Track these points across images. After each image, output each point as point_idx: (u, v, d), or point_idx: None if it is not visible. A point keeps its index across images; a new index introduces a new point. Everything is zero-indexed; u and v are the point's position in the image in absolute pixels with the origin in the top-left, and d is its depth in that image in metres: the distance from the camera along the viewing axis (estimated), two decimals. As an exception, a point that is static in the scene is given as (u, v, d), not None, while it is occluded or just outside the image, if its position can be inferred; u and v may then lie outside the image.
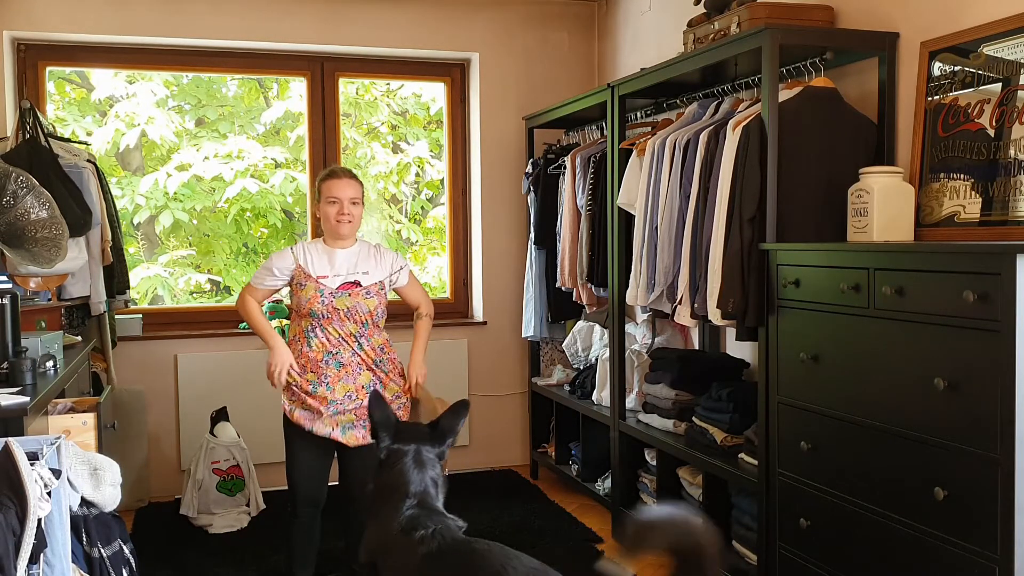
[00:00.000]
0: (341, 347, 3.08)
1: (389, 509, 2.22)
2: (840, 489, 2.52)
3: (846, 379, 2.49)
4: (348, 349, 3.08)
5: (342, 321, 3.07)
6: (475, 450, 5.16)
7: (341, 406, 3.05)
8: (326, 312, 3.06)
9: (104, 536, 2.21)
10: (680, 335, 4.16)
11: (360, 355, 3.09)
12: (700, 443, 3.31)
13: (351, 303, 3.08)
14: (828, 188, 2.90)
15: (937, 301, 2.17)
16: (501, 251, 5.17)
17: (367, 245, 3.23)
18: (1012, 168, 2.53)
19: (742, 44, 2.96)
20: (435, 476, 2.31)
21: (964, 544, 2.11)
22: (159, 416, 4.64)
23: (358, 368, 3.09)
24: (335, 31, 4.82)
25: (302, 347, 3.09)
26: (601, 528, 4.07)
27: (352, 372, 3.08)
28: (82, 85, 5.36)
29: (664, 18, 4.43)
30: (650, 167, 3.48)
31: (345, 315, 3.07)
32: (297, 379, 3.06)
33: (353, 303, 3.08)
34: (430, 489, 2.27)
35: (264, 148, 5.46)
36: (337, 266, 3.13)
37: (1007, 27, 2.56)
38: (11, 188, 3.22)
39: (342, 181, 3.14)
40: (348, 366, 3.08)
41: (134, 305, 4.66)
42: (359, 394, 3.07)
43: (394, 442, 2.34)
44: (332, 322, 3.07)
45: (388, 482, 2.28)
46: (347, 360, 3.08)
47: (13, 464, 1.79)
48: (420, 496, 2.23)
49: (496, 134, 5.12)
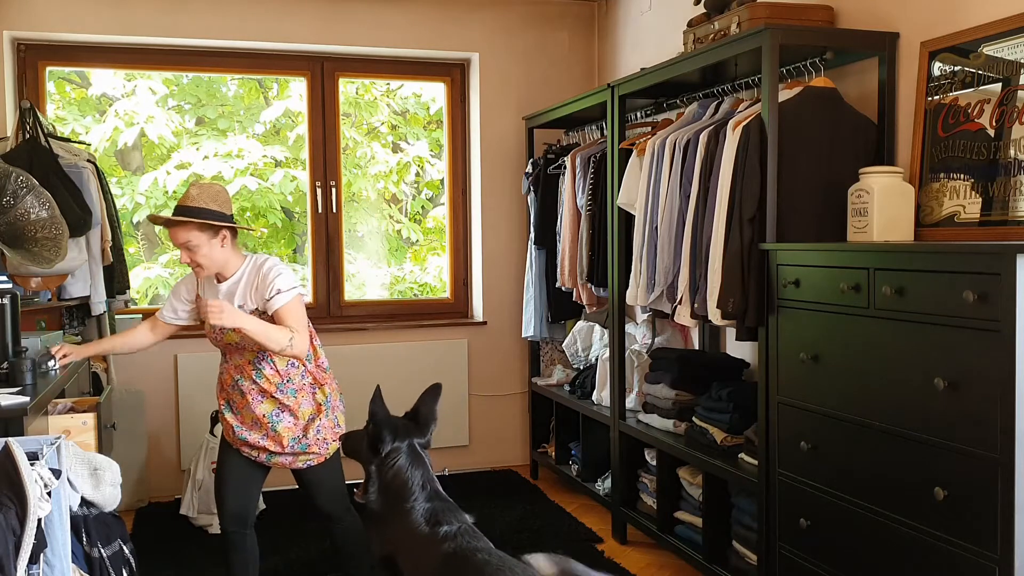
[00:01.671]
0: (242, 374, 2.89)
1: (401, 504, 2.28)
2: (840, 489, 2.52)
3: (846, 379, 2.49)
4: (246, 378, 2.88)
5: (238, 351, 2.89)
6: (475, 450, 5.17)
7: (247, 434, 2.89)
8: (221, 347, 2.92)
9: (104, 536, 2.21)
10: (680, 335, 4.16)
11: (258, 383, 2.86)
12: (700, 443, 3.31)
13: (237, 337, 2.81)
14: (828, 188, 2.90)
15: (937, 301, 2.16)
16: (501, 251, 5.17)
17: (253, 269, 2.87)
18: (1012, 168, 2.53)
19: (742, 44, 2.96)
20: (430, 465, 2.42)
21: (964, 544, 2.11)
22: (159, 416, 4.64)
23: (259, 396, 2.87)
24: (335, 31, 4.82)
25: (222, 369, 2.98)
26: (601, 528, 4.07)
27: (252, 401, 2.87)
28: (82, 85, 5.36)
29: (664, 18, 4.43)
30: (650, 167, 3.48)
31: (236, 347, 2.87)
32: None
33: (240, 337, 2.80)
34: (435, 480, 2.37)
35: (264, 147, 5.46)
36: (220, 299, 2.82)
37: (1007, 27, 2.56)
38: (11, 188, 3.22)
39: (171, 231, 2.79)
40: (247, 394, 2.88)
41: (134, 305, 4.65)
42: (262, 423, 2.86)
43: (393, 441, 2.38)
44: (231, 353, 2.91)
45: (393, 482, 2.34)
46: (246, 388, 2.88)
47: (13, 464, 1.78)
48: (430, 487, 2.32)
49: (496, 134, 5.12)
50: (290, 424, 2.88)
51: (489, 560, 2.04)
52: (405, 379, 4.51)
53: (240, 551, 2.99)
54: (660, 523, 3.61)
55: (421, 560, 2.17)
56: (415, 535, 2.21)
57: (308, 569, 3.64)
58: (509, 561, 2.04)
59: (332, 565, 3.57)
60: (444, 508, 2.27)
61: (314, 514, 3.09)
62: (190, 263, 2.83)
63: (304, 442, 2.90)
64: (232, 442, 2.96)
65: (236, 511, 2.97)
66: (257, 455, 2.93)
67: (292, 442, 2.88)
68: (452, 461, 5.09)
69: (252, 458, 2.94)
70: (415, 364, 4.92)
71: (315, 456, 2.93)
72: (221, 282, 2.89)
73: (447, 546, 2.11)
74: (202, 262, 2.80)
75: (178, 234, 2.77)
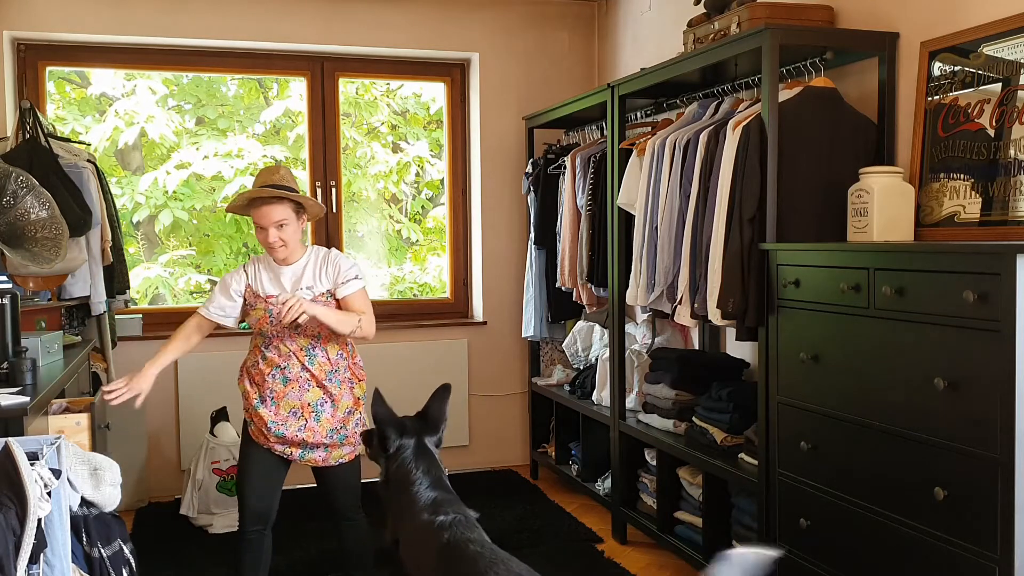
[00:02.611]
0: (289, 362, 2.91)
1: (406, 496, 2.35)
2: (840, 489, 2.52)
3: (846, 379, 2.49)
4: (297, 364, 2.91)
5: (293, 337, 2.91)
6: (475, 450, 5.17)
7: (284, 427, 2.89)
8: (276, 331, 2.92)
9: (104, 536, 2.21)
10: (680, 335, 4.16)
11: (310, 370, 2.92)
12: (700, 443, 3.31)
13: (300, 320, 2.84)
14: (828, 188, 2.90)
15: (937, 301, 2.16)
16: (501, 251, 5.17)
17: (317, 256, 2.99)
18: (1012, 168, 2.53)
19: (742, 44, 2.96)
20: (439, 461, 2.48)
21: (964, 544, 2.11)
22: (159, 416, 4.64)
23: (306, 384, 2.91)
24: (335, 31, 4.82)
25: (257, 359, 2.97)
26: (601, 528, 4.07)
27: (299, 388, 2.91)
28: (81, 85, 5.36)
29: (664, 18, 4.43)
30: (650, 167, 3.48)
31: (295, 331, 2.91)
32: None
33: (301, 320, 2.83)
34: (439, 472, 2.43)
35: (264, 147, 5.46)
36: (284, 284, 2.94)
37: (1007, 27, 2.56)
38: (11, 188, 3.22)
39: (261, 210, 2.85)
40: (295, 382, 2.91)
41: (134, 305, 4.65)
42: (304, 412, 2.90)
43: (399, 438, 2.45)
44: (283, 339, 2.92)
45: (399, 475, 2.42)
46: (294, 376, 2.91)
47: (13, 464, 1.79)
48: (433, 478, 2.38)
49: (496, 134, 5.12)
50: (330, 415, 2.92)
51: (482, 552, 2.07)
52: (405, 379, 4.51)
53: (256, 551, 2.97)
54: (660, 523, 3.61)
55: (418, 547, 2.23)
56: (415, 523, 2.27)
57: (310, 569, 3.64)
58: (501, 554, 2.07)
59: (333, 565, 3.57)
60: (445, 499, 2.31)
61: (326, 511, 3.10)
62: (273, 243, 2.87)
63: (343, 433, 2.93)
64: (262, 440, 2.94)
65: (259, 510, 2.96)
66: (291, 452, 2.93)
67: (331, 432, 2.91)
68: (452, 461, 5.09)
69: (284, 456, 2.94)
70: (415, 364, 4.92)
71: (348, 452, 2.97)
72: (284, 266, 2.94)
73: (442, 536, 2.15)
74: (288, 241, 2.88)
75: (274, 211, 2.84)
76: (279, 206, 2.86)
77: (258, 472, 2.95)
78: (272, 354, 2.93)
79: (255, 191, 2.87)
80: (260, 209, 2.85)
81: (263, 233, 2.87)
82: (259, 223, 2.87)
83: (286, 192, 2.88)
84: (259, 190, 2.87)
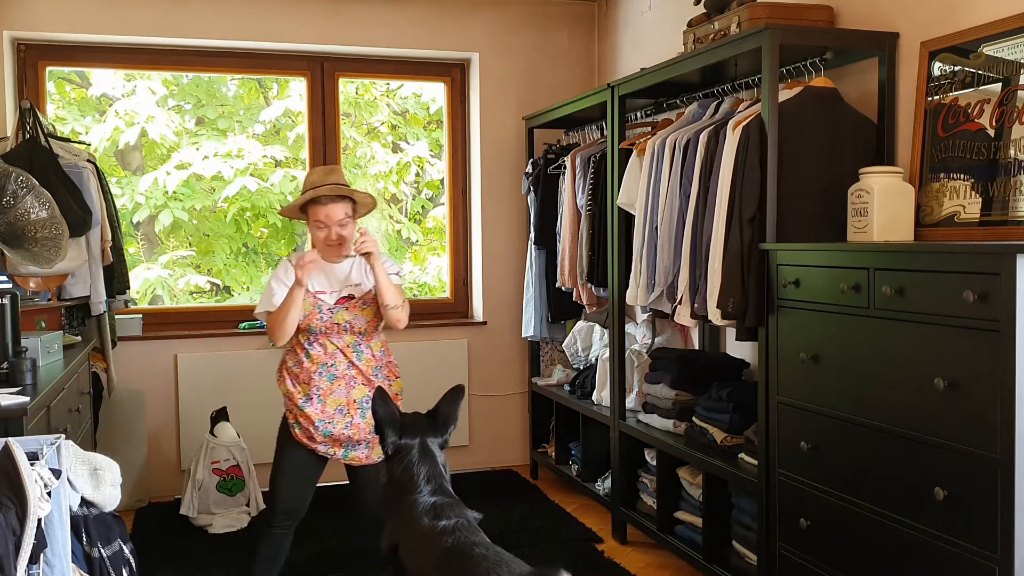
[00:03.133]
0: (336, 359, 2.97)
1: (407, 500, 2.32)
2: (840, 489, 2.52)
3: (846, 379, 2.49)
4: (344, 361, 2.98)
5: (340, 334, 2.98)
6: (475, 450, 5.17)
7: (331, 425, 2.94)
8: (324, 328, 2.97)
9: (104, 536, 2.21)
10: (680, 335, 4.16)
11: (357, 366, 2.99)
12: (700, 443, 3.31)
13: (349, 317, 2.99)
14: (828, 188, 2.90)
15: (937, 301, 2.16)
16: (501, 251, 5.17)
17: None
18: (1012, 168, 2.53)
19: (742, 44, 2.96)
20: (443, 463, 2.46)
21: (964, 544, 2.11)
22: (159, 416, 4.64)
23: (352, 381, 2.98)
24: (335, 31, 4.82)
25: (300, 358, 3.00)
26: (601, 528, 4.07)
27: (346, 385, 2.97)
28: (81, 85, 5.36)
29: (664, 18, 4.43)
30: (650, 167, 3.48)
31: (344, 328, 2.98)
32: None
33: (351, 316, 3.00)
34: (444, 475, 2.42)
35: (264, 147, 5.46)
36: (332, 281, 3.03)
37: (1007, 27, 2.56)
38: (11, 188, 3.22)
39: (326, 208, 2.93)
40: (342, 379, 2.97)
41: (134, 305, 4.65)
42: (350, 409, 2.96)
43: (400, 437, 2.42)
44: (330, 336, 2.98)
45: (400, 476, 2.39)
46: (341, 373, 2.97)
47: (13, 464, 1.78)
48: (436, 482, 2.36)
49: (496, 134, 5.12)
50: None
51: (486, 555, 2.05)
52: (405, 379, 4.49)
53: (278, 547, 3.00)
54: (660, 523, 3.61)
55: (420, 552, 2.20)
56: (416, 528, 2.24)
57: (309, 569, 3.64)
58: (505, 556, 2.05)
59: (334, 565, 3.57)
60: (446, 503, 2.29)
61: (355, 510, 3.13)
62: (333, 241, 2.96)
63: None
64: (307, 440, 2.95)
65: (292, 508, 2.99)
66: (335, 452, 2.96)
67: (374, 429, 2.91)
68: (452, 461, 5.03)
69: (328, 456, 2.97)
70: (415, 364, 4.91)
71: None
72: (332, 264, 3.03)
73: (445, 540, 2.13)
74: (347, 238, 2.98)
75: (338, 209, 2.94)
76: (341, 204, 2.96)
77: (296, 470, 2.99)
78: (318, 351, 2.97)
79: (330, 188, 2.94)
80: (326, 207, 2.93)
81: (323, 231, 2.96)
82: (322, 221, 2.95)
83: (350, 190, 2.99)
84: (334, 187, 2.95)
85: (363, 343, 3.03)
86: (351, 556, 3.72)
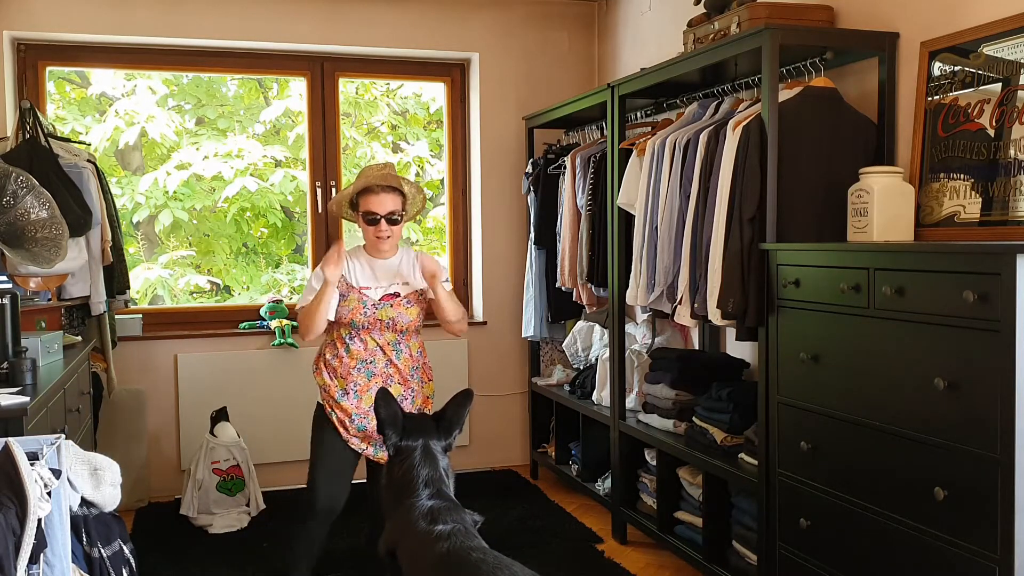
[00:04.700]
0: (376, 356, 3.02)
1: (406, 503, 2.32)
2: (840, 489, 2.52)
3: (846, 379, 2.49)
4: (383, 359, 3.02)
5: (382, 331, 3.02)
6: (475, 450, 5.16)
7: (366, 420, 2.98)
8: (367, 323, 3.00)
9: (104, 536, 2.21)
10: (680, 335, 4.16)
11: (396, 365, 3.03)
12: (700, 443, 3.31)
13: (394, 313, 3.02)
14: (828, 188, 2.90)
15: (937, 301, 2.16)
16: (501, 251, 5.17)
17: (408, 254, 3.14)
18: (1012, 168, 2.53)
19: (742, 44, 2.96)
20: (445, 467, 2.46)
21: (964, 544, 2.11)
22: (159, 416, 4.64)
23: (389, 380, 3.02)
24: (335, 31, 4.82)
25: (339, 352, 3.02)
26: (601, 528, 4.07)
27: (383, 383, 3.00)
28: (81, 85, 5.36)
29: (664, 18, 4.43)
30: (650, 167, 3.48)
31: (386, 325, 3.01)
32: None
33: (396, 313, 3.03)
34: (444, 480, 2.41)
35: (264, 147, 5.46)
36: (379, 277, 3.06)
37: (1007, 27, 2.56)
38: (11, 188, 3.22)
39: (379, 197, 2.97)
40: (379, 376, 3.01)
41: (134, 305, 4.65)
42: None
43: (402, 439, 2.41)
44: (372, 332, 3.01)
45: (400, 478, 2.39)
46: (379, 371, 3.02)
47: (13, 464, 1.78)
48: (435, 487, 2.36)
49: (496, 134, 5.12)
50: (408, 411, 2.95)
51: (484, 559, 2.05)
52: (405, 379, 4.51)
53: (318, 539, 3.03)
54: (660, 523, 3.61)
55: (417, 557, 2.20)
56: (413, 532, 2.24)
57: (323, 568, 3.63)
58: (504, 560, 2.05)
59: (334, 565, 3.57)
60: (444, 507, 2.29)
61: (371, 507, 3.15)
62: (383, 234, 2.99)
63: None
64: (343, 431, 2.99)
65: (330, 501, 3.01)
66: (366, 447, 3.00)
67: None
68: (452, 461, 5.07)
69: (359, 450, 3.01)
70: (415, 364, 4.92)
71: None
72: (379, 260, 3.06)
73: (442, 545, 2.12)
74: (396, 233, 3.03)
75: (388, 202, 2.98)
76: (393, 197, 3.00)
77: (334, 467, 3.02)
78: (358, 347, 3.00)
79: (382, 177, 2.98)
80: (378, 196, 2.97)
81: (374, 225, 2.99)
82: (375, 211, 2.97)
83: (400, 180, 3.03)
84: (386, 175, 2.99)
85: (403, 342, 3.07)
86: (351, 556, 3.71)
